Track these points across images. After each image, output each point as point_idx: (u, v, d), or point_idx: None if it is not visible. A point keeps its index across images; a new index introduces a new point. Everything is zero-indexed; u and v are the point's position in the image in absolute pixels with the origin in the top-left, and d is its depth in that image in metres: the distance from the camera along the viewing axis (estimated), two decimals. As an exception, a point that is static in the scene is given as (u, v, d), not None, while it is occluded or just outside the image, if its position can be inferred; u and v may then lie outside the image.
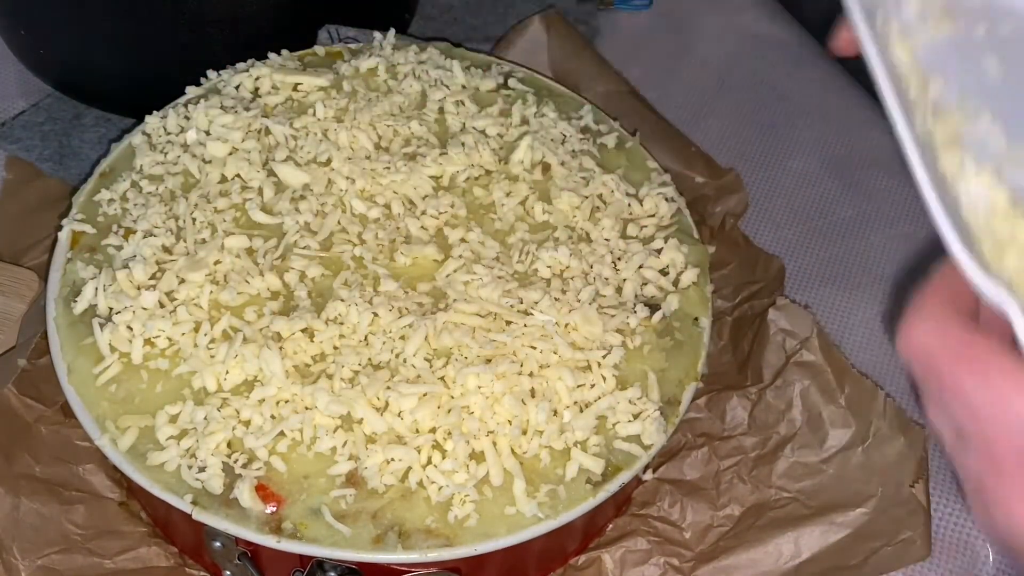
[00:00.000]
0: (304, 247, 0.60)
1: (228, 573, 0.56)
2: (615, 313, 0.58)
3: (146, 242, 0.59)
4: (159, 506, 0.53)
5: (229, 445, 0.53)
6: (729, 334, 0.70)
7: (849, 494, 0.61)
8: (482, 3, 0.94)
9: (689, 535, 0.62)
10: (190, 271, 0.57)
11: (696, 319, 0.60)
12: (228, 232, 0.60)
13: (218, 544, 0.54)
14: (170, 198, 0.62)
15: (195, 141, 0.65)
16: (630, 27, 0.96)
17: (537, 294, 0.58)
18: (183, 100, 0.68)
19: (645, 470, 0.57)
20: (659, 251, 0.62)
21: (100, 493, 0.61)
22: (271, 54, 0.71)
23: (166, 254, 0.59)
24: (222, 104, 0.66)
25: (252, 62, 0.70)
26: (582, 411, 0.54)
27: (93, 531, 0.59)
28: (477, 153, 0.66)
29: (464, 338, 0.55)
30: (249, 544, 0.53)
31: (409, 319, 0.56)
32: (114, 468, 0.57)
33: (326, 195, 0.63)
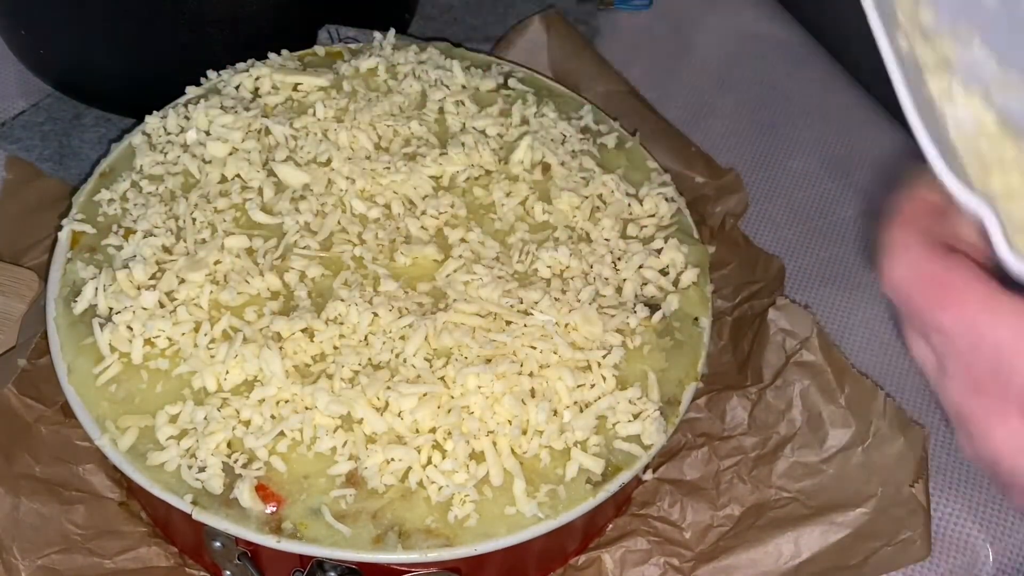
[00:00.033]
0: (304, 247, 0.60)
1: (228, 573, 0.56)
2: (615, 313, 0.58)
3: (146, 242, 0.59)
4: (159, 506, 0.53)
5: (229, 445, 0.53)
6: (729, 334, 0.70)
7: (849, 494, 0.61)
8: (482, 3, 0.94)
9: (689, 535, 0.62)
10: (190, 271, 0.57)
11: (696, 319, 0.60)
12: (228, 232, 0.60)
13: (218, 544, 0.54)
14: (170, 198, 0.62)
15: (195, 141, 0.65)
16: (630, 27, 0.95)
17: (537, 294, 0.58)
18: (183, 100, 0.68)
19: (645, 470, 0.57)
20: (659, 251, 0.62)
21: (100, 493, 0.61)
22: (271, 54, 0.71)
23: (166, 254, 0.59)
24: (222, 104, 0.66)
25: (252, 62, 0.70)
26: (582, 411, 0.54)
27: (93, 531, 0.59)
28: (477, 153, 0.66)
29: (464, 338, 0.55)
30: (249, 544, 0.53)
31: (409, 319, 0.56)
32: (114, 468, 0.57)
33: (326, 195, 0.63)
